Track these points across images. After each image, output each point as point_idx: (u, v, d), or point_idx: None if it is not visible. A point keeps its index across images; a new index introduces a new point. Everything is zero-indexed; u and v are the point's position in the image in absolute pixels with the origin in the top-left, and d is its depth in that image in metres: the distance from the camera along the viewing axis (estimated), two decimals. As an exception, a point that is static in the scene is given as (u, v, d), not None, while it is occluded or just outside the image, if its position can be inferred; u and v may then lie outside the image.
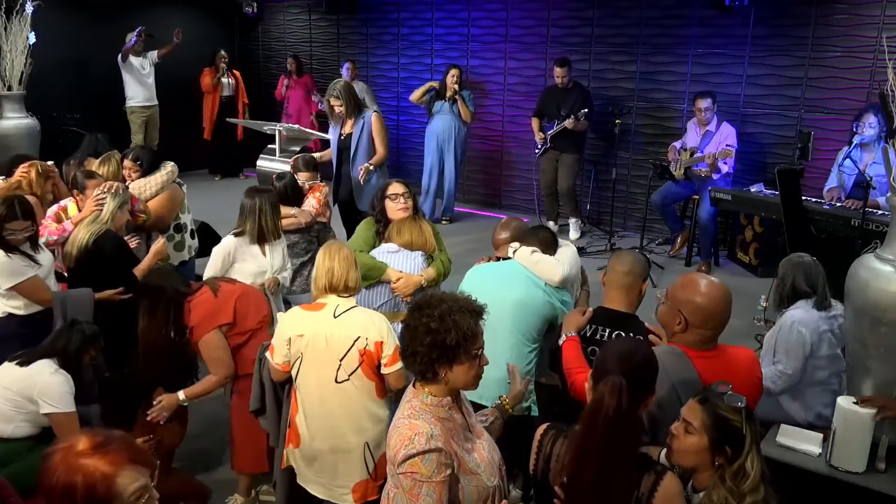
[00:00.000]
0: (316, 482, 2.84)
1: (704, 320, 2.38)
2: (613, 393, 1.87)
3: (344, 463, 2.77)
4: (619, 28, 7.49)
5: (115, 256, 3.74)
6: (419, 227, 3.55)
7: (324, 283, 2.79)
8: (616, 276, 2.76)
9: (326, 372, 2.73)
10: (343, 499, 2.80)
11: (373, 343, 2.71)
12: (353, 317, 2.76)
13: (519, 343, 3.03)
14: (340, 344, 2.71)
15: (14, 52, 6.68)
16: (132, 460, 1.49)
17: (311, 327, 2.75)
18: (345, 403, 2.75)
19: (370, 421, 2.77)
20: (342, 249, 2.85)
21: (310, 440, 2.79)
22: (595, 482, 1.86)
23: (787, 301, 3.50)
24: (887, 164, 3.04)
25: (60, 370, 2.99)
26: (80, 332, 3.08)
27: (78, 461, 1.45)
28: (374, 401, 2.77)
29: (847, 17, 6.16)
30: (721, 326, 2.43)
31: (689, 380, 2.28)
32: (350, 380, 2.72)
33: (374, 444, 2.77)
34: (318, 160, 5.24)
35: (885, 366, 2.86)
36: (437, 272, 3.49)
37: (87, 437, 1.49)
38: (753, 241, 6.36)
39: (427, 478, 1.85)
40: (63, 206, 4.16)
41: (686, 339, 2.41)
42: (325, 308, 2.77)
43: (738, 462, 1.92)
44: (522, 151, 8.35)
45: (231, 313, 3.19)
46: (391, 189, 3.71)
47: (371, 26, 9.51)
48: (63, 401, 2.91)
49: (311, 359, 2.75)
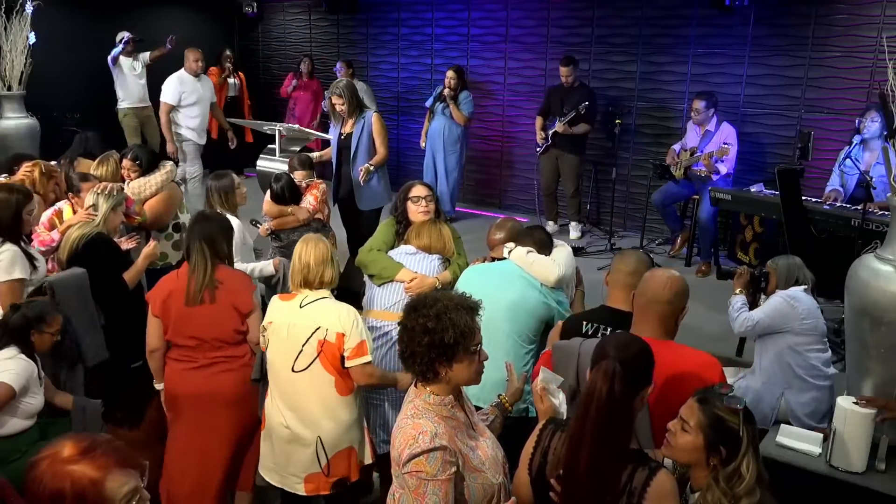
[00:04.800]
0: (272, 469, 2.93)
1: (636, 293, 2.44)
2: (606, 377, 1.88)
3: (296, 452, 2.85)
4: (619, 28, 7.49)
5: (106, 260, 3.72)
6: (438, 231, 3.54)
7: (299, 279, 2.87)
8: (620, 276, 2.74)
9: (286, 360, 2.82)
10: (295, 487, 2.88)
11: (333, 334, 2.76)
12: (318, 307, 2.82)
13: (515, 344, 3.03)
14: (300, 333, 2.79)
15: (14, 52, 6.69)
16: (120, 463, 1.47)
17: (279, 315, 2.86)
18: (300, 394, 2.82)
19: (325, 416, 2.81)
20: (318, 245, 2.89)
21: (271, 423, 2.91)
22: (589, 471, 1.86)
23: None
24: (888, 164, 3.04)
25: (21, 356, 3.02)
26: (22, 315, 3.09)
27: (65, 468, 1.43)
28: (332, 395, 2.82)
29: (847, 17, 6.15)
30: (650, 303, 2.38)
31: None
32: (307, 370, 2.79)
33: (328, 442, 2.82)
34: (316, 159, 5.23)
35: (885, 366, 2.86)
36: (452, 275, 3.47)
37: (72, 443, 1.47)
38: (753, 241, 6.35)
39: (432, 476, 1.85)
40: (58, 209, 4.12)
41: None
42: (295, 298, 2.87)
43: (733, 464, 1.92)
44: (522, 151, 8.35)
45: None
46: (414, 191, 3.68)
47: (371, 26, 9.50)
48: (10, 378, 2.93)
49: (275, 346, 2.86)
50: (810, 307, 3.51)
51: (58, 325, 3.18)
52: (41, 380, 3.13)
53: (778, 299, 3.54)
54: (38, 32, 6.89)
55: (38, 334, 3.12)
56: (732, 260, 6.61)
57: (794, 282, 3.63)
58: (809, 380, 3.46)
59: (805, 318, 3.46)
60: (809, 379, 3.46)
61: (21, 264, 3.38)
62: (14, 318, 3.08)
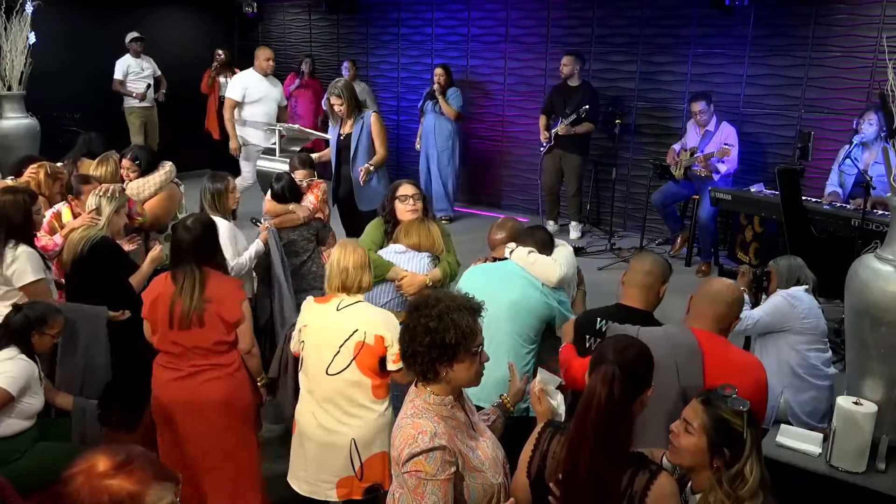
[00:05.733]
0: (302, 478, 2.88)
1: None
2: (605, 382, 1.88)
3: (330, 455, 2.80)
4: (619, 28, 7.49)
5: (111, 264, 3.69)
6: (427, 229, 3.54)
7: (337, 283, 2.85)
8: (636, 276, 2.83)
9: (321, 363, 2.79)
10: (327, 494, 2.84)
11: (372, 336, 2.74)
12: (355, 311, 2.81)
13: (516, 344, 3.03)
14: (337, 336, 2.77)
15: (14, 52, 6.69)
16: (157, 477, 1.45)
17: (315, 318, 2.84)
18: (335, 396, 2.79)
19: (360, 418, 2.78)
20: (357, 250, 2.87)
21: (303, 427, 2.87)
22: (589, 476, 1.86)
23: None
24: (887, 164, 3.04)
25: (20, 356, 3.01)
26: (24, 316, 3.09)
27: (102, 482, 1.40)
28: (367, 398, 2.79)
29: (847, 17, 6.15)
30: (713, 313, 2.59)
31: (680, 340, 2.49)
32: (343, 373, 2.76)
33: (362, 443, 2.78)
34: (316, 160, 5.22)
35: (885, 366, 2.85)
36: (443, 273, 3.49)
37: (107, 457, 1.43)
38: (753, 241, 6.35)
39: (431, 476, 1.85)
40: (56, 212, 4.08)
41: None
42: (331, 301, 2.85)
43: (736, 466, 1.91)
44: (522, 151, 8.34)
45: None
46: (401, 190, 3.69)
47: (371, 26, 9.50)
48: (7, 382, 2.92)
49: (310, 349, 2.83)
50: (811, 307, 3.52)
51: (59, 326, 3.17)
52: (41, 380, 3.13)
53: (779, 298, 3.54)
54: (38, 32, 6.88)
55: (39, 335, 3.11)
56: (732, 260, 6.61)
57: (796, 282, 3.64)
58: (809, 379, 3.46)
59: (805, 317, 3.47)
60: (809, 378, 3.46)
61: (41, 264, 3.40)
62: (16, 318, 3.08)
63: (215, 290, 2.98)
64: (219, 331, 2.98)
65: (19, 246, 3.35)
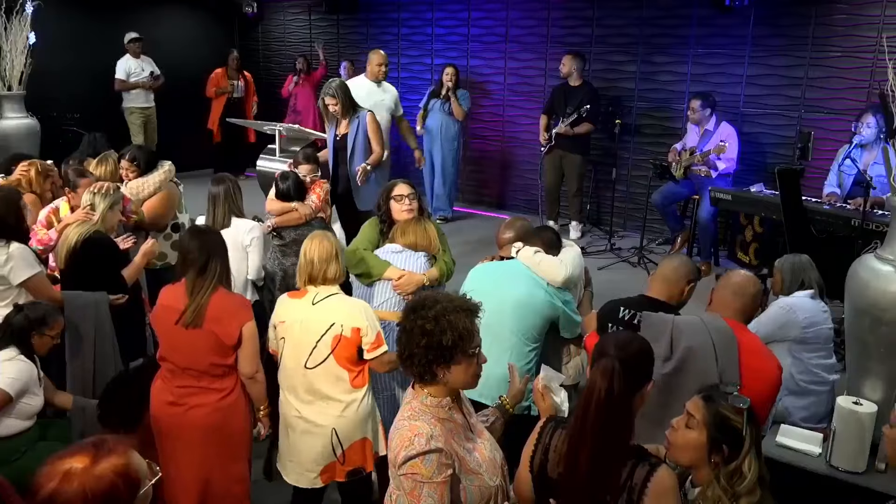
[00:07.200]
0: (289, 466, 2.95)
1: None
2: (605, 376, 1.88)
3: (312, 443, 2.86)
4: (619, 28, 7.49)
5: (105, 258, 3.71)
6: (423, 229, 3.54)
7: (305, 277, 2.90)
8: (663, 269, 2.95)
9: (299, 357, 2.84)
10: (313, 482, 2.91)
11: (349, 329, 2.79)
12: (331, 304, 2.85)
13: (519, 342, 3.04)
14: (315, 330, 2.82)
15: (14, 52, 6.69)
16: (131, 445, 1.52)
17: (291, 314, 2.88)
18: (314, 389, 2.84)
19: (340, 409, 2.84)
20: (323, 242, 2.90)
21: (286, 418, 2.92)
22: (590, 469, 1.86)
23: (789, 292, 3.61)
24: (887, 164, 3.04)
25: (20, 357, 3.03)
26: (24, 316, 3.10)
27: (93, 475, 1.41)
28: (346, 389, 2.85)
29: (847, 17, 6.15)
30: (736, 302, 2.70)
31: (719, 326, 2.58)
32: (321, 366, 2.81)
33: (343, 434, 2.85)
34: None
35: (886, 366, 2.86)
36: (439, 272, 3.49)
37: (81, 453, 1.44)
38: (753, 241, 6.35)
39: (428, 478, 1.85)
40: (55, 207, 4.12)
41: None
42: (306, 296, 2.88)
43: (734, 462, 1.92)
44: (522, 151, 8.34)
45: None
46: (397, 190, 3.68)
47: (371, 26, 9.50)
48: (6, 383, 2.94)
49: (289, 344, 2.87)
50: (813, 314, 3.44)
51: (59, 327, 3.18)
52: (41, 380, 3.13)
53: (775, 309, 3.49)
54: (38, 32, 6.88)
55: (39, 336, 3.11)
56: (732, 260, 6.60)
57: (800, 284, 3.56)
58: (809, 387, 3.43)
59: (806, 326, 3.41)
60: (810, 386, 3.43)
61: (34, 258, 3.41)
62: (16, 318, 3.08)
63: (217, 304, 2.82)
64: (212, 353, 2.81)
65: (11, 244, 3.36)
